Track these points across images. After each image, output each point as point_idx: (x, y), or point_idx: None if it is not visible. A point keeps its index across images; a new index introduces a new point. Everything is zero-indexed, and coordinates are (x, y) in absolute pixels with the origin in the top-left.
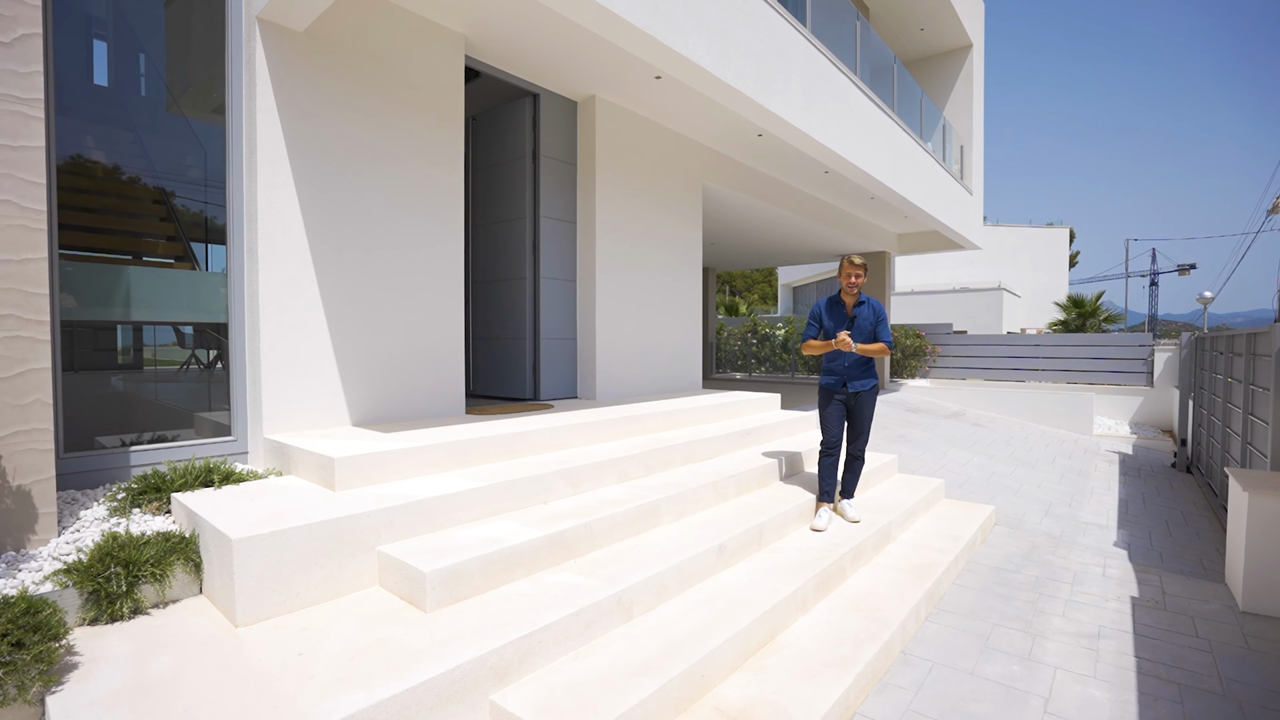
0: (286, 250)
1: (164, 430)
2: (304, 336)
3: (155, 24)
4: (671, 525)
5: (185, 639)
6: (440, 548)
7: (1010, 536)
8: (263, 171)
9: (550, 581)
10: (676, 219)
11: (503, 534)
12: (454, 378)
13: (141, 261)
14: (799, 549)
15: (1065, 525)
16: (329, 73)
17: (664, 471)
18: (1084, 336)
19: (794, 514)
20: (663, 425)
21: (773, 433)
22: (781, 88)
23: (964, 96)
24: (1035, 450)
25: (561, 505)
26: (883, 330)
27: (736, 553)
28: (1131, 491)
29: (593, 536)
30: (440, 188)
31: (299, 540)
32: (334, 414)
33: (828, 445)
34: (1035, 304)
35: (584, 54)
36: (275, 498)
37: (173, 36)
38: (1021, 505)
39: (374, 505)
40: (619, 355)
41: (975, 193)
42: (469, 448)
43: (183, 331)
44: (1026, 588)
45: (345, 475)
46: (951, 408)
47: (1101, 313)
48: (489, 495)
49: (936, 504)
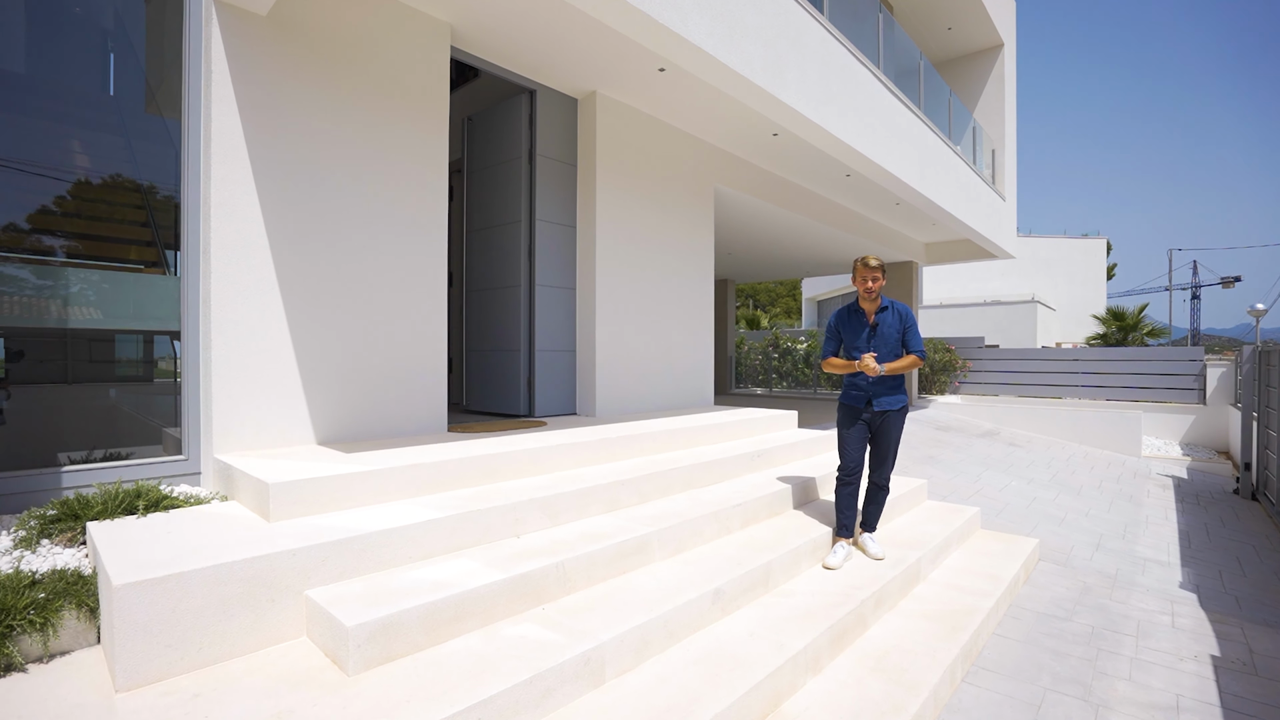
0: (243, 253)
1: (119, 447)
2: (262, 347)
3: (135, 20)
4: (662, 564)
5: (46, 709)
6: (379, 592)
7: (1058, 575)
8: (217, 167)
9: (508, 635)
10: (686, 224)
11: (456, 575)
12: (435, 393)
13: (80, 264)
14: (812, 592)
15: (1121, 561)
16: (296, 62)
17: (660, 499)
18: (1129, 350)
19: (807, 550)
20: (663, 446)
21: (788, 454)
22: (795, 78)
23: (995, 98)
24: (1079, 473)
25: (535, 540)
26: (912, 338)
27: (737, 598)
28: (1192, 522)
29: (566, 579)
30: (422, 188)
31: (204, 584)
32: (296, 432)
33: (846, 471)
34: (1071, 317)
35: (580, 43)
36: (199, 529)
37: (152, 32)
38: (1069, 537)
39: (306, 540)
40: (621, 369)
41: (1008, 199)
42: (438, 471)
43: (148, 339)
44: (1082, 641)
45: (282, 504)
46: (985, 426)
47: (1144, 326)
48: (450, 527)
49: (971, 536)
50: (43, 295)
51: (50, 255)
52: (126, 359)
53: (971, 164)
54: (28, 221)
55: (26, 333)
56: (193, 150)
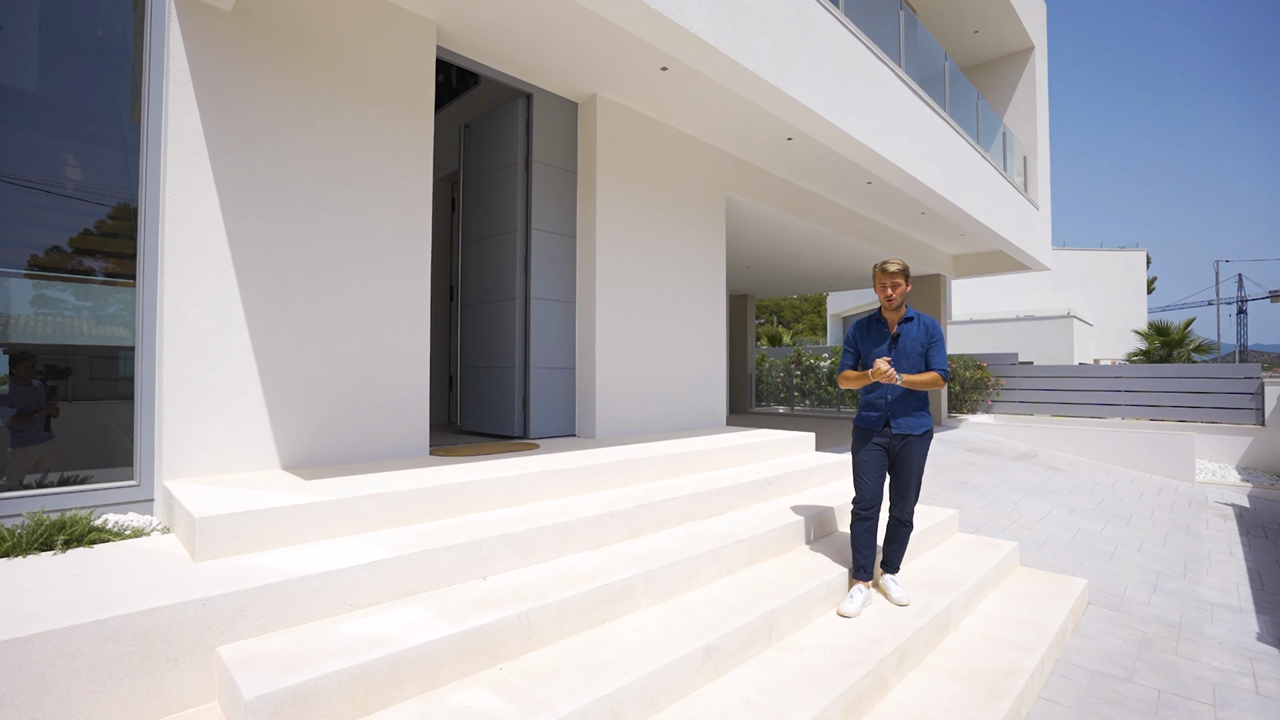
0: (201, 262)
1: (75, 470)
2: (221, 363)
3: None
4: (649, 611)
5: None
6: (302, 651)
7: (1112, 622)
8: (174, 169)
9: (451, 705)
10: (694, 234)
11: (399, 629)
12: (416, 413)
13: (51, 276)
14: (823, 646)
15: (1184, 606)
16: (265, 60)
17: (654, 533)
18: (1176, 367)
19: (820, 594)
20: (662, 472)
21: (802, 481)
22: (807, 74)
23: (1026, 103)
24: (1127, 501)
25: (502, 583)
26: (937, 354)
27: (734, 654)
28: (1262, 558)
29: (530, 631)
30: (404, 195)
31: (88, 642)
32: (258, 456)
33: (862, 505)
34: (1109, 333)
35: (575, 40)
36: (112, 570)
37: (137, 40)
38: (1120, 575)
39: (225, 586)
40: (624, 387)
41: (1042, 208)
42: (402, 502)
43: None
44: (1147, 710)
45: (210, 540)
46: (1021, 448)
47: (1190, 341)
48: (402, 569)
49: (1010, 575)
50: (40, 311)
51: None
52: (110, 376)
53: (1002, 170)
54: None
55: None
56: (152, 152)
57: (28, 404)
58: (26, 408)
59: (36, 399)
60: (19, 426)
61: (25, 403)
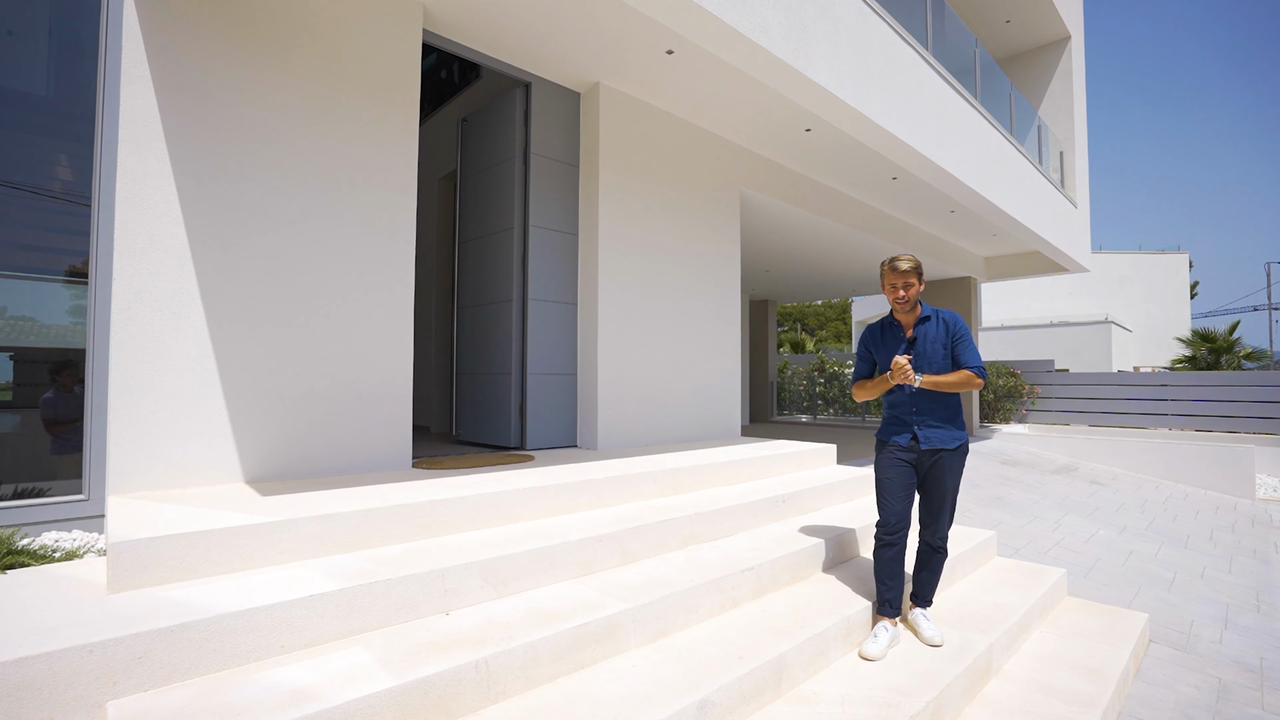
0: (156, 258)
1: (29, 483)
2: (177, 367)
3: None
4: (637, 654)
5: None
6: (205, 709)
7: (1180, 665)
8: (126, 157)
9: None
10: (706, 232)
11: (328, 681)
12: (398, 422)
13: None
14: (842, 698)
15: (1263, 645)
16: (230, 41)
17: (649, 558)
18: (1228, 375)
19: (839, 633)
20: (665, 488)
21: (821, 498)
22: (825, 52)
23: (1062, 95)
24: (1183, 520)
25: (466, 619)
26: (965, 351)
27: (734, 709)
28: None
29: (490, 683)
30: (385, 188)
31: None
32: (218, 468)
33: (887, 529)
34: (1150, 339)
35: (573, 20)
36: (8, 604)
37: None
38: (1184, 607)
39: (126, 627)
40: (628, 395)
41: (1080, 205)
42: (362, 522)
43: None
44: None
45: (127, 568)
46: (1060, 460)
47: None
48: (347, 603)
49: (1057, 607)
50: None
51: None
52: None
53: (1038, 165)
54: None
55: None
56: (108, 138)
57: (69, 412)
58: (68, 415)
59: (78, 406)
60: (61, 434)
61: (68, 410)
